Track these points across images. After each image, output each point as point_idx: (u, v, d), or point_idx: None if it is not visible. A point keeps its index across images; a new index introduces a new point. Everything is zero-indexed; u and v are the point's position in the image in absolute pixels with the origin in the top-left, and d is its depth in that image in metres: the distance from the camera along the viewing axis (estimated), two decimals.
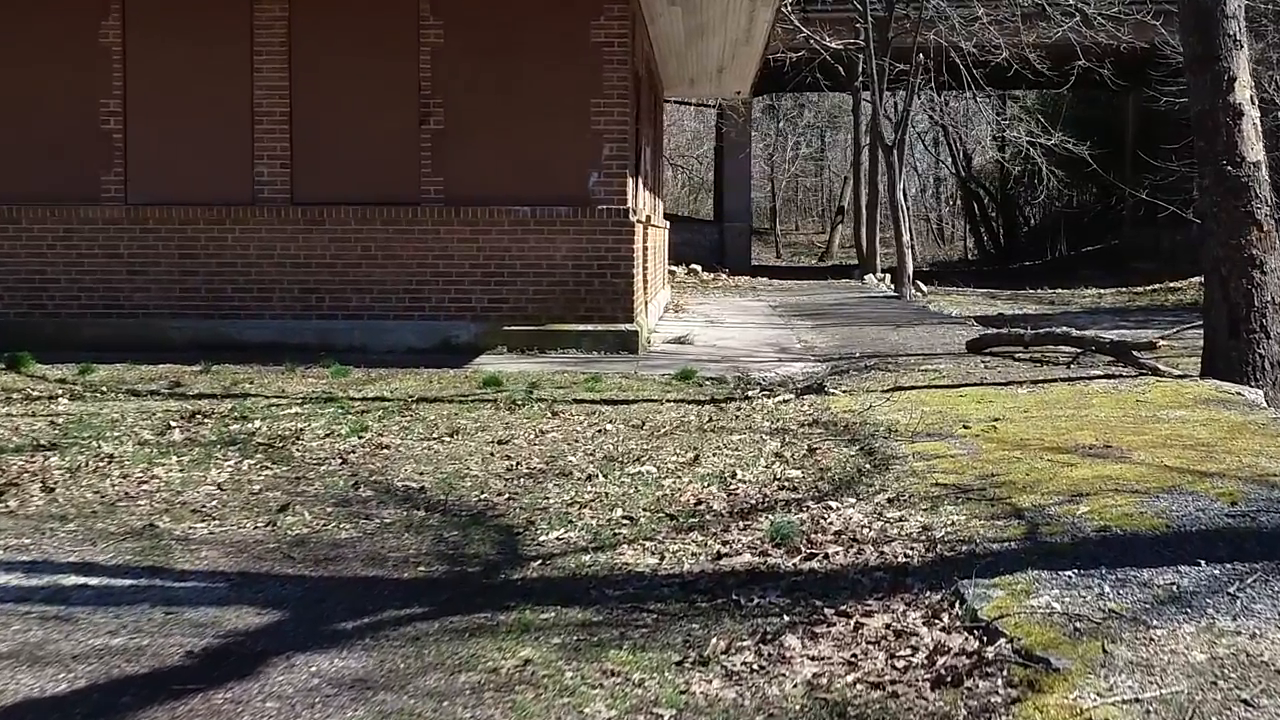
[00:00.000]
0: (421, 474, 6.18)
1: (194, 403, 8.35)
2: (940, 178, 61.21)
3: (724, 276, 28.77)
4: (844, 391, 8.67)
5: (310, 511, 5.37)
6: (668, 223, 20.90)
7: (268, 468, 6.27)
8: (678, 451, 6.62)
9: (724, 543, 4.77)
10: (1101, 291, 28.25)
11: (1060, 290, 29.27)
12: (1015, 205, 50.45)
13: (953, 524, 4.82)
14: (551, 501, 5.54)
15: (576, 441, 7.03)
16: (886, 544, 4.63)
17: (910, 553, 4.49)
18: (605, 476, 6.04)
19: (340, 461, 6.44)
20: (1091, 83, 29.23)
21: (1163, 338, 10.26)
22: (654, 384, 9.57)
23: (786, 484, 5.80)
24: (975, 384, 8.80)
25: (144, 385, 9.17)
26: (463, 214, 11.29)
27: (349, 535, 5.01)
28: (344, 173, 11.39)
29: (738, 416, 7.84)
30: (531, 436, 7.22)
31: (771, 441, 6.87)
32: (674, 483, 5.87)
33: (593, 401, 8.55)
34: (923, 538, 4.67)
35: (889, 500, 5.32)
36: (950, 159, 51.34)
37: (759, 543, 4.73)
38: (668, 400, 8.60)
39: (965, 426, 6.91)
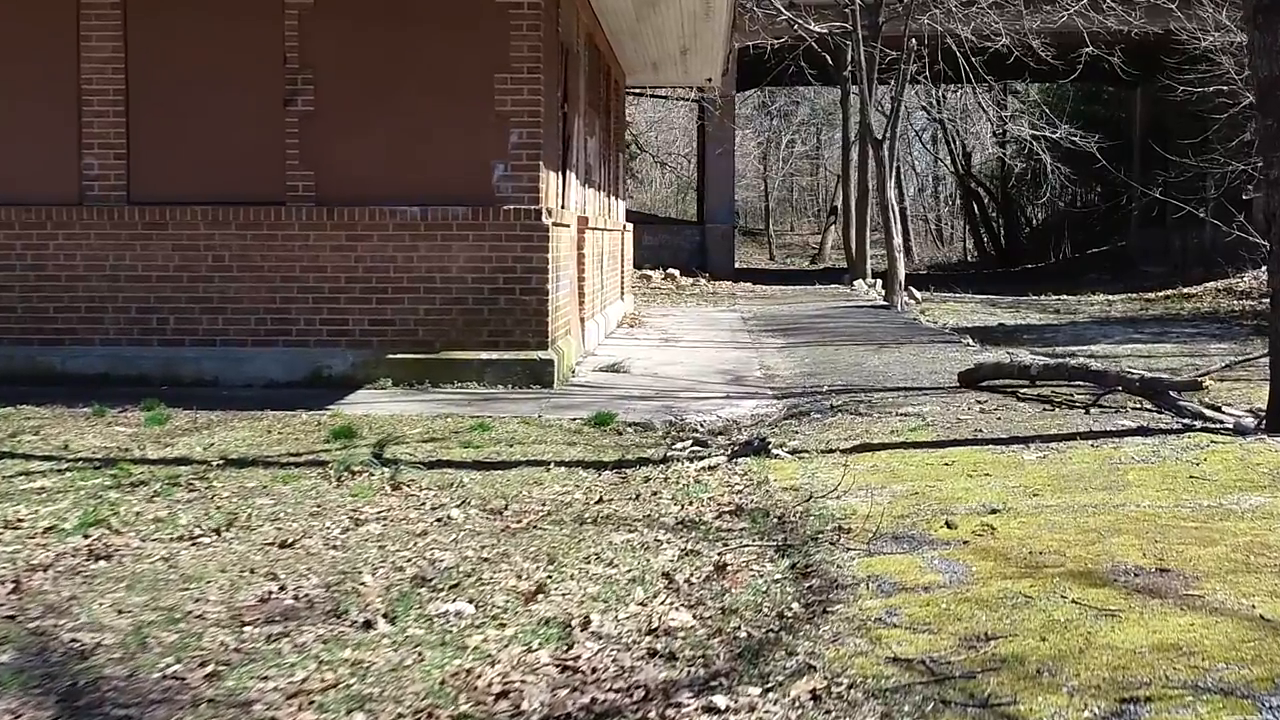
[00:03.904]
0: (121, 613, 4.05)
1: None
2: (939, 176, 59.03)
3: (703, 282, 26.63)
4: (792, 452, 6.53)
5: None
6: (629, 225, 18.74)
7: None
8: (524, 567, 4.49)
9: None
10: (1110, 298, 26.12)
11: (1065, 296, 27.14)
12: (1017, 205, 48.29)
13: None
14: (268, 688, 3.40)
15: (395, 541, 4.91)
16: None
17: None
18: (391, 623, 3.92)
19: (11, 588, 4.30)
20: (1099, 73, 27.14)
21: (1207, 374, 8.13)
22: (557, 433, 7.45)
23: (662, 645, 3.66)
24: (967, 441, 6.65)
25: None
26: (337, 216, 9.14)
27: None
28: (192, 165, 9.24)
29: (639, 495, 5.70)
30: (339, 531, 5.11)
31: (668, 548, 4.74)
32: (487, 640, 3.74)
33: (460, 465, 6.43)
34: None
35: (813, 696, 3.19)
36: (949, 156, 49.17)
37: None
38: (560, 463, 6.48)
39: (949, 524, 4.78)
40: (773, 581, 4.24)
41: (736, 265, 32.73)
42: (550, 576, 4.36)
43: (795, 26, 23.53)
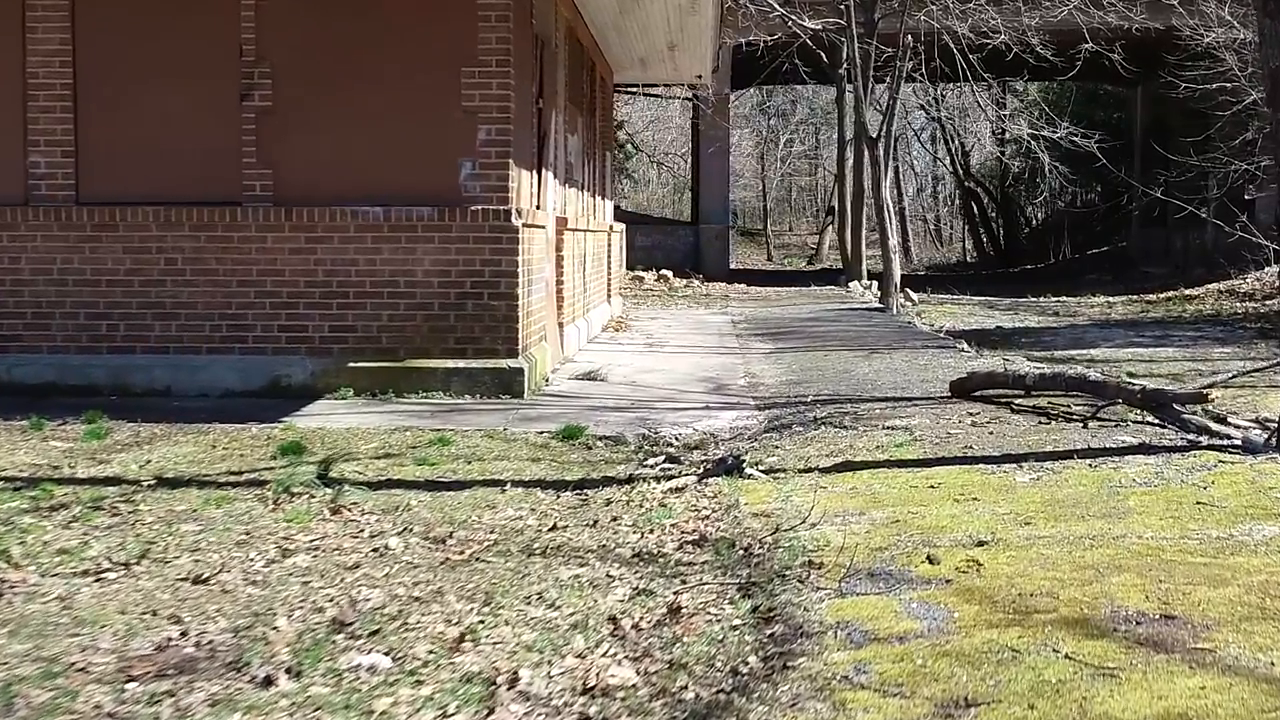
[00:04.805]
0: None
1: None
2: (938, 176, 58.59)
3: (696, 283, 26.16)
4: (767, 471, 6.07)
5: None
6: (619, 225, 18.29)
7: None
8: (457, 609, 4.03)
9: None
10: (1110, 300, 25.64)
11: (1065, 298, 26.67)
12: (1016, 205, 47.81)
13: None
14: None
15: (322, 576, 4.46)
16: None
17: None
18: (295, 679, 3.46)
19: None
20: (1099, 71, 26.68)
21: (1212, 385, 7.67)
22: (521, 448, 7.00)
23: (596, 708, 3.21)
24: (956, 459, 6.19)
25: None
26: (296, 216, 8.69)
27: None
28: (144, 163, 8.78)
29: (597, 521, 5.25)
30: (263, 563, 4.66)
31: (620, 586, 4.28)
32: (398, 702, 3.29)
33: (410, 485, 5.98)
34: None
35: None
36: (948, 156, 48.70)
37: None
38: (519, 482, 6.02)
39: (931, 559, 4.32)
40: (730, 628, 3.78)
41: (734, 266, 32.29)
42: (483, 620, 3.90)
43: (789, 23, 23.08)
